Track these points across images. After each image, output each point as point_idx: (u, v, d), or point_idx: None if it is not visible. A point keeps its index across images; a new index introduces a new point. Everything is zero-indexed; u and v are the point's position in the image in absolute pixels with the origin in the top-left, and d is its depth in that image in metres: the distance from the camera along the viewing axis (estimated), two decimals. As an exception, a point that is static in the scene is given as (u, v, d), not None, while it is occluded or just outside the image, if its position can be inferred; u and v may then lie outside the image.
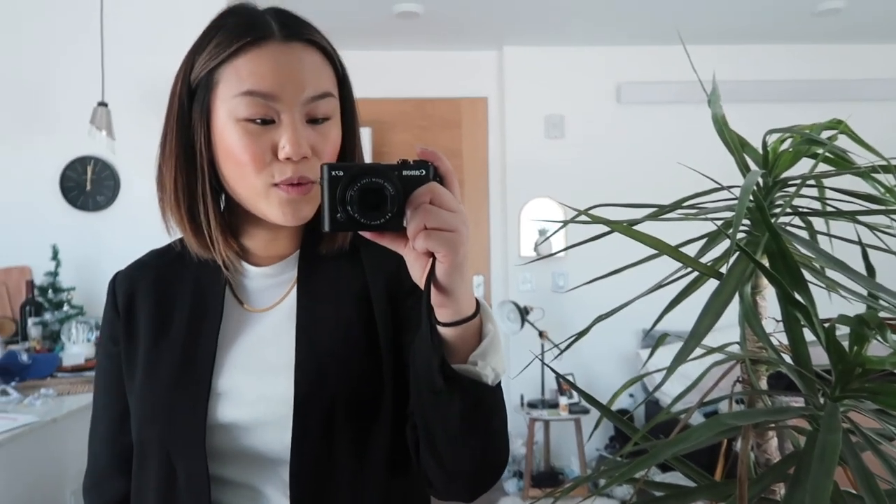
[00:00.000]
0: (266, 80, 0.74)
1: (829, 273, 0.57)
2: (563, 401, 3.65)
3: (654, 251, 0.56)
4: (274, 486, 0.77)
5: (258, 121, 0.75)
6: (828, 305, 0.55)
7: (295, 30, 0.77)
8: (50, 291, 2.90)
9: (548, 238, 4.00)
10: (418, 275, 0.65)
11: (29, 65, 3.14)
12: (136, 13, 3.14)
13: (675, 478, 1.09)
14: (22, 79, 3.14)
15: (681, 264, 0.57)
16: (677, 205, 0.60)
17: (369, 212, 0.62)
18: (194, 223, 0.80)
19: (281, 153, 0.75)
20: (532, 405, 3.78)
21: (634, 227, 0.55)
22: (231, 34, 0.76)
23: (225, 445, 0.77)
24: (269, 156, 0.75)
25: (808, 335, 0.52)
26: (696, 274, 0.59)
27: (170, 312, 0.83)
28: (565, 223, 0.61)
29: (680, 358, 0.46)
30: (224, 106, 0.76)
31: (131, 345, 0.84)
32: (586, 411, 3.65)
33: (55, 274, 2.94)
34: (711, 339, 0.61)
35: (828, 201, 0.56)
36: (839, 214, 0.54)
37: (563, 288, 4.08)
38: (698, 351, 0.59)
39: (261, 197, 0.77)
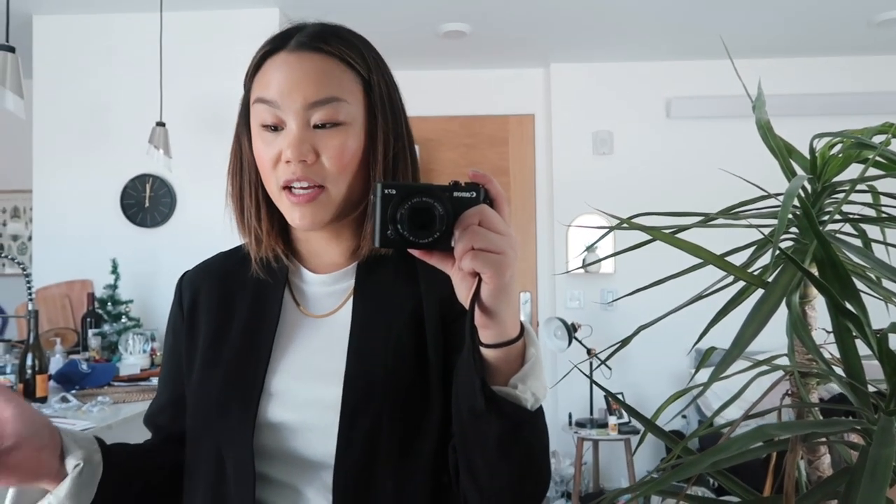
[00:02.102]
0: (270, 87, 0.79)
1: (886, 283, 0.54)
2: (613, 420, 3.57)
3: (697, 260, 0.55)
4: (316, 490, 0.78)
5: (271, 127, 0.79)
6: (884, 318, 0.53)
7: (306, 39, 0.80)
8: (109, 304, 3.01)
9: (593, 245, 3.95)
10: (464, 295, 0.66)
11: (92, 87, 3.30)
12: (192, 37, 3.27)
13: None
14: (86, 100, 3.30)
15: (726, 274, 0.56)
16: (722, 213, 0.59)
17: (418, 230, 0.64)
18: (244, 225, 0.85)
19: (283, 156, 0.78)
20: (580, 424, 3.71)
21: (679, 238, 0.54)
22: (260, 48, 0.82)
23: (272, 445, 0.79)
24: (277, 160, 0.79)
25: (862, 349, 0.49)
26: (742, 285, 0.57)
27: (231, 312, 0.87)
28: (609, 230, 0.60)
29: (721, 367, 0.44)
30: (252, 114, 0.81)
31: (192, 342, 0.87)
32: (636, 432, 3.57)
33: (114, 287, 3.06)
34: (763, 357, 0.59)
35: (881, 207, 0.54)
36: (893, 220, 0.52)
37: (609, 304, 4.01)
38: (745, 364, 0.58)
39: (277, 200, 0.81)
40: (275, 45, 0.80)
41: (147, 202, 3.25)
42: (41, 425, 0.74)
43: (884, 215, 0.55)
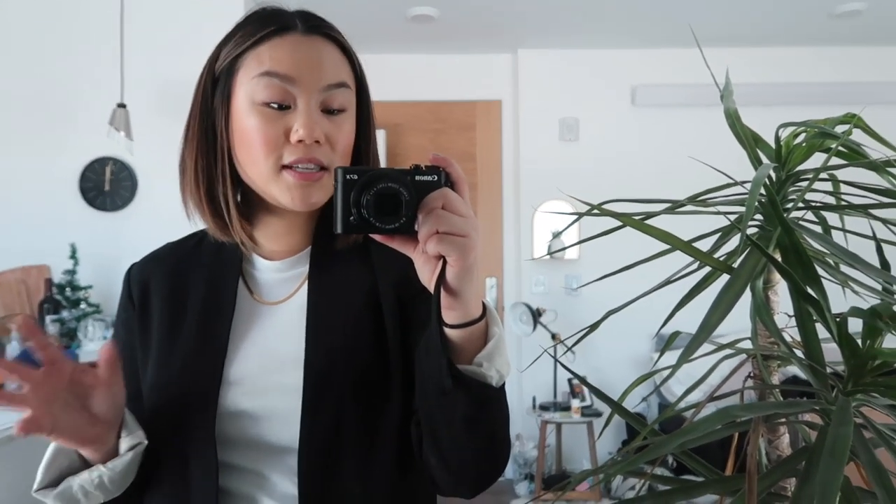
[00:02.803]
0: (285, 63, 0.77)
1: (843, 268, 0.56)
2: (576, 403, 3.63)
3: (666, 247, 0.56)
4: (282, 474, 0.79)
5: (275, 105, 0.77)
6: (842, 302, 0.55)
7: (316, 24, 0.81)
8: (68, 290, 2.93)
9: (561, 234, 3.99)
10: (427, 278, 0.67)
11: (49, 67, 3.19)
12: (155, 16, 3.18)
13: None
14: (42, 81, 3.19)
15: (692, 260, 0.57)
16: (690, 200, 0.60)
17: (384, 216, 0.64)
18: (213, 205, 0.83)
19: (293, 136, 0.77)
20: (544, 408, 3.76)
21: (649, 224, 0.54)
22: (256, 25, 0.80)
23: (234, 433, 0.79)
24: (282, 139, 0.78)
25: (822, 332, 0.51)
26: (708, 270, 0.59)
27: (183, 303, 0.85)
28: (579, 216, 0.61)
29: (688, 351, 0.45)
30: (243, 89, 0.79)
31: (145, 335, 0.86)
32: (598, 414, 3.63)
33: (73, 273, 2.98)
34: (724, 342, 0.61)
35: (841, 195, 0.56)
36: (853, 208, 0.53)
37: (575, 289, 4.06)
38: (709, 347, 0.59)
39: (271, 180, 0.79)
40: (281, 25, 0.79)
41: (107, 185, 3.16)
42: (122, 394, 0.75)
43: (843, 203, 0.56)
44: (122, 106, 2.89)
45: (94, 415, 0.73)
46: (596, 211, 0.60)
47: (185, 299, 0.85)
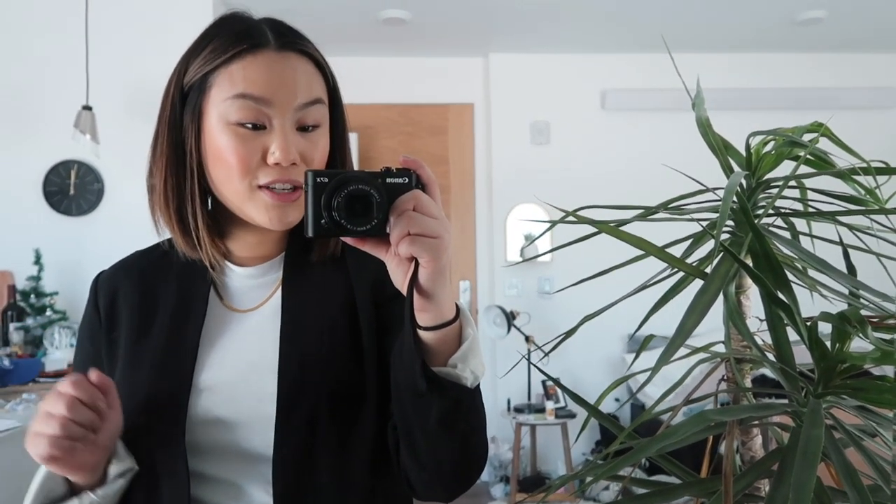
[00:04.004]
0: (259, 84, 0.76)
1: (812, 273, 0.57)
2: (550, 405, 3.65)
3: (639, 252, 0.57)
4: (256, 483, 0.78)
5: (249, 125, 0.76)
6: (810, 306, 0.56)
7: (289, 40, 0.80)
8: (32, 296, 2.87)
9: (535, 240, 4.02)
10: (400, 280, 0.67)
11: (11, 67, 3.12)
12: (121, 17, 3.13)
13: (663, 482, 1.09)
14: (4, 81, 3.11)
15: (666, 265, 0.58)
16: (663, 206, 0.61)
17: (355, 218, 0.64)
18: (182, 223, 0.81)
19: (270, 158, 0.76)
20: (518, 410, 3.78)
21: (623, 231, 0.55)
22: (227, 40, 0.78)
23: (206, 441, 0.78)
24: (257, 160, 0.77)
25: (792, 335, 0.52)
26: (681, 275, 0.60)
27: (153, 310, 0.84)
28: (554, 223, 0.61)
29: (666, 356, 0.46)
30: (216, 109, 0.77)
31: (112, 345, 0.84)
32: (573, 416, 3.66)
33: (38, 279, 2.92)
34: (697, 344, 0.62)
35: (809, 202, 0.57)
36: (820, 215, 0.55)
37: (550, 293, 4.09)
38: (683, 351, 0.60)
39: (246, 200, 0.78)
40: (253, 42, 0.77)
41: (72, 189, 3.10)
42: (120, 421, 0.74)
43: (811, 209, 0.58)
44: (87, 108, 2.83)
45: (94, 441, 0.71)
46: (570, 217, 0.61)
47: (155, 308, 0.84)
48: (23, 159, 3.09)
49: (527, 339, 3.75)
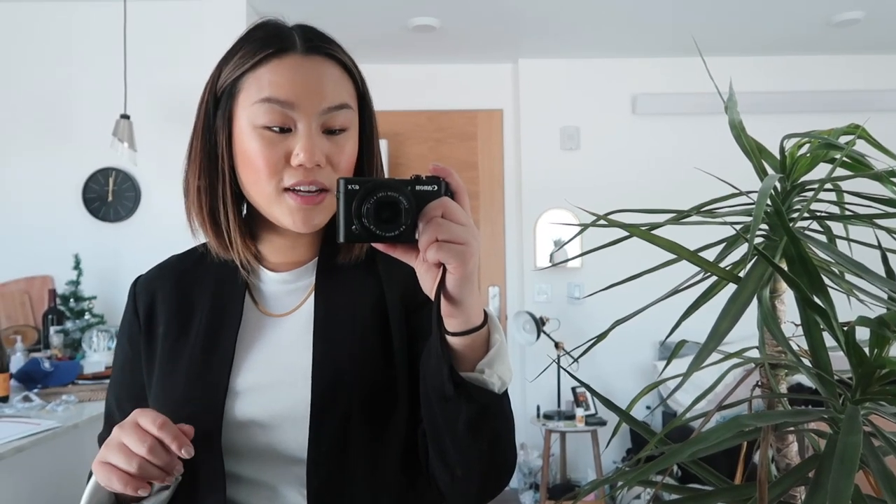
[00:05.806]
0: (284, 88, 0.77)
1: (849, 277, 0.56)
2: (580, 412, 3.62)
3: (671, 256, 0.56)
4: (290, 485, 0.79)
5: (276, 129, 0.78)
6: (847, 311, 0.55)
7: (317, 44, 0.81)
8: (71, 300, 2.94)
9: (564, 245, 4.00)
10: (429, 286, 0.67)
11: (53, 77, 3.21)
12: (158, 28, 3.20)
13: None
14: (46, 91, 3.20)
15: (698, 270, 0.57)
16: (695, 209, 0.61)
17: (384, 224, 0.65)
18: (215, 224, 0.83)
19: (294, 160, 0.77)
20: (548, 417, 3.75)
21: (655, 235, 0.55)
22: (256, 46, 0.80)
23: (241, 443, 0.79)
24: (283, 163, 0.78)
25: (829, 340, 0.52)
26: (713, 280, 0.59)
27: (189, 314, 0.86)
28: (585, 227, 0.61)
29: (698, 360, 0.46)
30: (244, 113, 0.79)
31: (151, 347, 0.86)
32: (603, 423, 3.62)
33: (77, 283, 2.99)
34: (730, 350, 0.61)
35: (846, 205, 0.56)
36: (857, 218, 0.54)
37: (579, 298, 4.06)
38: (716, 356, 0.59)
39: (273, 202, 0.80)
40: (280, 46, 0.79)
41: (110, 196, 3.18)
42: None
43: (848, 213, 0.57)
44: (125, 117, 2.90)
45: (164, 480, 0.72)
46: (602, 221, 0.61)
47: (192, 312, 0.86)
48: (63, 167, 3.18)
49: (556, 345, 3.72)
